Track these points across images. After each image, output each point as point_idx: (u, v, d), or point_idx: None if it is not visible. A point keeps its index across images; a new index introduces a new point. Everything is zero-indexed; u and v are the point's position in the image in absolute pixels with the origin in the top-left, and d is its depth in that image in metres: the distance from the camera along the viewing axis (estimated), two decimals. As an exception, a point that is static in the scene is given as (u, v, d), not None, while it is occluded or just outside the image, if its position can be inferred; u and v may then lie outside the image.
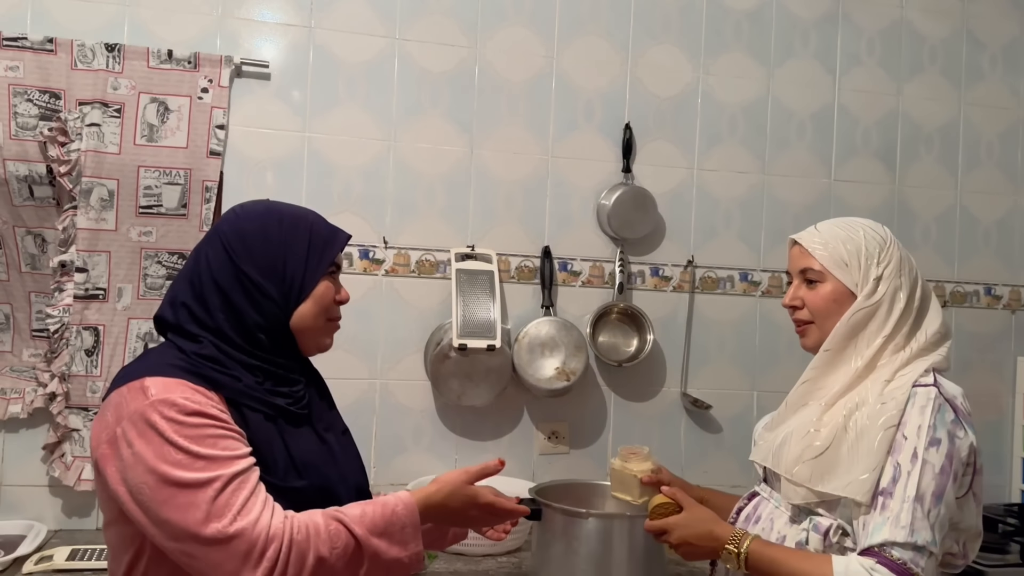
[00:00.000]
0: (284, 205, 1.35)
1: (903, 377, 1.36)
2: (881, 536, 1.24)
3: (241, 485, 1.14)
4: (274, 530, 1.13)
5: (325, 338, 1.34)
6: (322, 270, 1.30)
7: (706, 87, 2.58)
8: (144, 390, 1.15)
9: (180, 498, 1.12)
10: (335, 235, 1.34)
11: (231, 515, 1.11)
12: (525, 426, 2.45)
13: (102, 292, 2.14)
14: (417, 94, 2.38)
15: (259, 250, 1.26)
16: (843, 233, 1.44)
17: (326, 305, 1.31)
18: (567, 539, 1.82)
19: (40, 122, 2.10)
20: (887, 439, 1.30)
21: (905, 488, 1.26)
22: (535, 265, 2.45)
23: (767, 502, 1.46)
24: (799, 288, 1.47)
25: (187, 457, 1.12)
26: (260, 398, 1.23)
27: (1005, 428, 2.78)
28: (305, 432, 1.29)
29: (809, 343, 1.48)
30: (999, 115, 2.80)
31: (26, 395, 2.13)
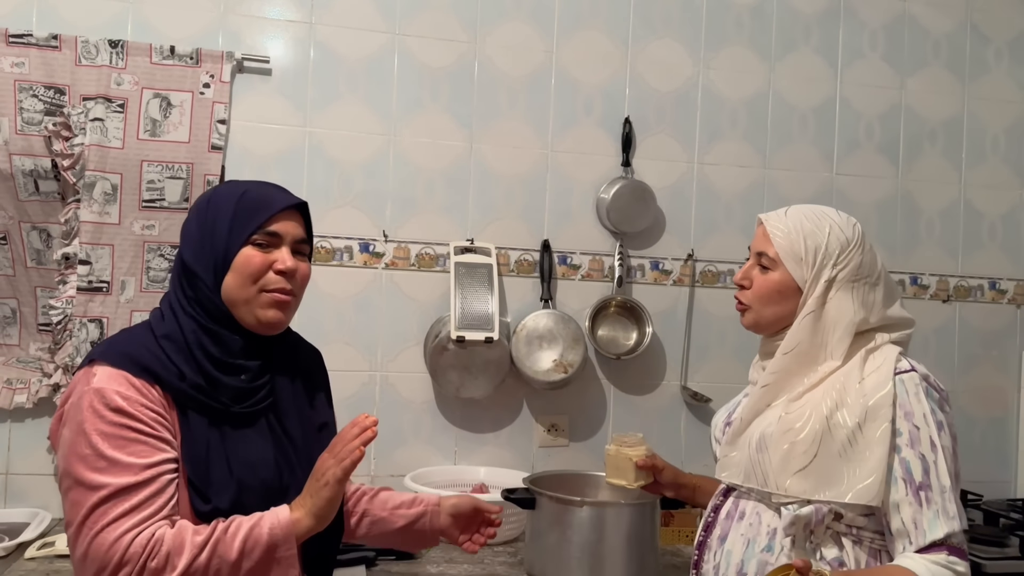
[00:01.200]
0: (231, 182, 1.33)
1: (879, 369, 1.35)
2: (942, 531, 1.28)
3: (125, 499, 1.11)
4: (131, 552, 1.09)
5: (261, 310, 1.24)
6: (242, 238, 1.23)
7: (707, 81, 2.58)
8: (89, 376, 1.17)
9: (72, 493, 1.13)
10: (265, 202, 1.26)
11: (97, 528, 1.10)
12: (525, 418, 2.46)
13: (105, 285, 2.17)
14: (417, 89, 2.40)
15: (193, 231, 1.27)
16: (809, 226, 1.42)
17: (251, 274, 1.23)
18: (560, 528, 1.84)
19: (45, 117, 2.14)
20: (885, 437, 1.30)
21: (938, 478, 1.29)
22: (534, 259, 2.46)
23: (746, 498, 1.44)
24: (752, 268, 1.48)
25: (92, 454, 1.12)
26: (202, 399, 1.20)
27: (1010, 423, 2.76)
28: (257, 431, 1.25)
29: (745, 322, 1.50)
30: (1004, 109, 2.78)
31: (31, 385, 2.17)
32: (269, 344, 1.30)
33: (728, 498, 1.48)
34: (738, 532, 1.43)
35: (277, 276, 1.25)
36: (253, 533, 1.15)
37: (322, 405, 1.37)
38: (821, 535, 1.35)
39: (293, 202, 1.29)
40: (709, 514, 1.51)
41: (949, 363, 2.70)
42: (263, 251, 1.25)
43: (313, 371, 1.39)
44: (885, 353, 1.38)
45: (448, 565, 1.96)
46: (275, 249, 1.27)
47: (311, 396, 1.35)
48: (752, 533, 1.40)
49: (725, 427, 1.55)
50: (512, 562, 2.01)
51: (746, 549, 1.40)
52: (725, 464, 1.48)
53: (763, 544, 1.38)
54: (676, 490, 1.77)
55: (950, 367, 2.70)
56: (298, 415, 1.30)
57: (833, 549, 1.34)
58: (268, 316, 1.26)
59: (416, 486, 2.17)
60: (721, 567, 1.43)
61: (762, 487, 1.38)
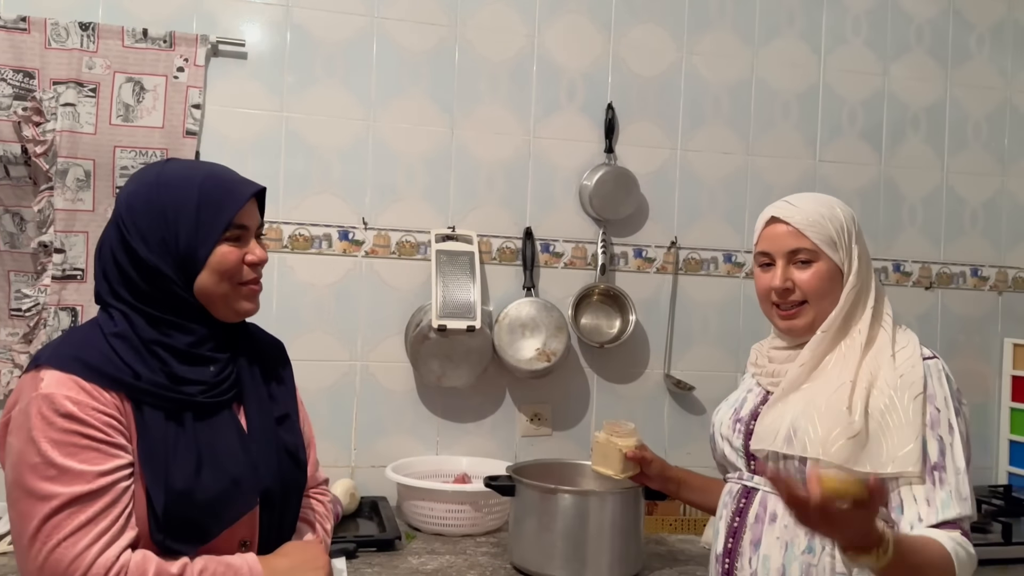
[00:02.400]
0: (180, 165, 1.25)
1: (905, 350, 1.38)
2: (955, 511, 1.27)
3: (80, 510, 1.06)
4: (93, 572, 1.05)
5: (239, 303, 1.23)
6: (215, 235, 1.19)
7: (690, 67, 2.56)
8: (37, 381, 1.11)
9: (22, 504, 1.07)
10: (231, 193, 1.21)
11: (54, 542, 1.05)
12: (507, 408, 2.43)
13: (80, 273, 2.12)
14: (396, 73, 2.36)
15: (146, 224, 1.17)
16: (825, 210, 1.42)
17: (227, 272, 1.20)
18: (541, 516, 1.82)
19: (14, 102, 2.08)
20: (919, 407, 1.31)
21: (954, 460, 1.30)
22: (517, 246, 2.43)
23: (772, 496, 1.38)
24: (788, 269, 1.41)
25: (42, 462, 1.07)
26: (161, 393, 1.15)
27: (992, 410, 2.77)
28: (222, 420, 1.21)
29: (803, 323, 1.42)
30: (986, 95, 2.78)
31: (2, 376, 2.12)
32: (233, 335, 1.26)
33: (752, 499, 1.42)
34: (772, 535, 1.37)
35: (249, 268, 1.23)
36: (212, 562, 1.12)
37: (283, 396, 1.32)
38: None
39: (256, 189, 1.24)
40: (734, 519, 1.44)
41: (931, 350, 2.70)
42: (236, 245, 1.22)
43: (274, 362, 1.34)
44: (909, 336, 1.42)
45: (430, 556, 1.94)
46: (245, 241, 1.23)
47: (271, 387, 1.31)
48: (789, 535, 1.35)
49: (735, 424, 1.49)
50: (495, 552, 1.99)
51: (785, 552, 1.35)
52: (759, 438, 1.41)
53: (803, 546, 1.33)
54: (662, 483, 1.74)
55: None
56: (259, 406, 1.26)
57: None
58: (246, 308, 1.25)
59: (397, 477, 2.14)
60: (759, 574, 1.37)
61: (802, 452, 1.33)
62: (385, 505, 2.19)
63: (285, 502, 1.26)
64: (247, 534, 1.21)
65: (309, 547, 1.26)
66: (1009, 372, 2.74)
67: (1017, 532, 2.14)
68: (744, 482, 1.45)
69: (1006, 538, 2.12)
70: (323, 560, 1.24)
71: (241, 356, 1.27)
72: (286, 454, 1.26)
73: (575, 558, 1.80)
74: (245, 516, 1.19)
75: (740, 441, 1.47)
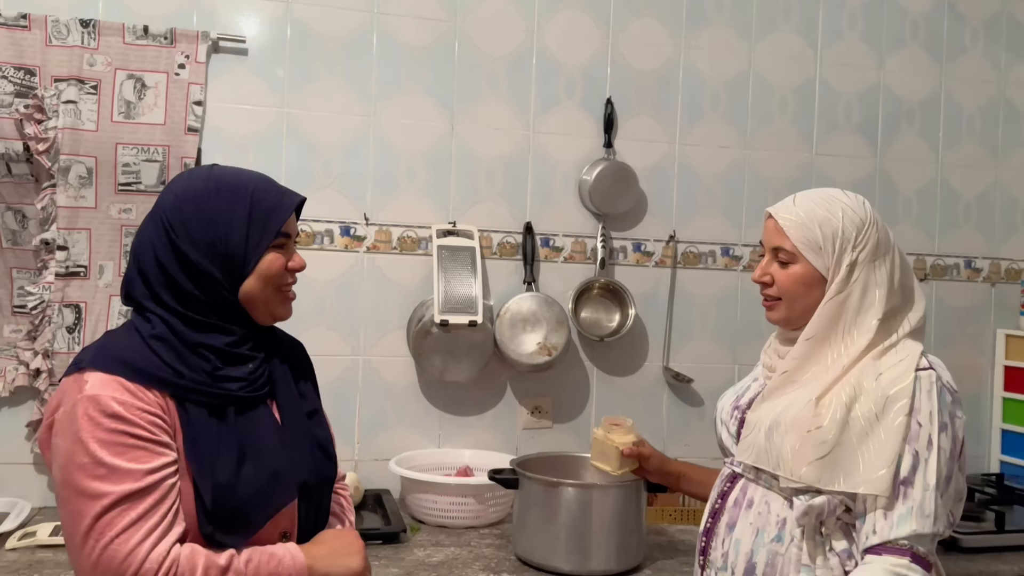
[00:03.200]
0: (227, 172, 1.27)
1: (901, 363, 1.34)
2: (909, 528, 1.26)
3: (131, 507, 1.10)
4: (146, 567, 1.08)
5: (277, 308, 1.29)
6: (265, 243, 1.24)
7: (688, 62, 2.57)
8: (81, 383, 1.14)
9: (73, 504, 1.11)
10: (280, 203, 1.26)
11: (107, 538, 1.08)
12: (508, 401, 2.46)
13: (83, 269, 2.13)
14: (397, 69, 2.37)
15: (196, 227, 1.20)
16: (821, 213, 1.39)
17: (273, 277, 1.25)
18: (545, 508, 1.85)
19: (15, 99, 2.08)
20: (902, 427, 1.29)
21: (925, 476, 1.27)
22: (517, 241, 2.45)
23: (754, 485, 1.43)
24: (770, 264, 1.45)
25: (91, 462, 1.10)
26: (204, 390, 1.19)
27: (984, 400, 2.81)
28: (260, 414, 1.25)
29: (775, 317, 1.46)
30: (980, 89, 2.81)
31: (7, 374, 2.13)
32: (265, 336, 1.31)
33: (735, 484, 1.47)
34: (747, 521, 1.42)
35: (289, 274, 1.29)
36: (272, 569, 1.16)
37: (310, 393, 1.38)
38: (832, 526, 1.33)
39: (300, 200, 1.30)
40: (716, 500, 1.49)
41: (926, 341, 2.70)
42: (281, 253, 1.27)
43: (298, 361, 1.39)
44: (908, 349, 1.37)
45: (435, 548, 1.97)
46: (288, 249, 1.29)
47: (299, 385, 1.35)
48: (761, 522, 1.39)
49: (733, 411, 1.53)
50: (499, 544, 2.01)
51: (755, 538, 1.39)
52: (741, 447, 1.46)
53: (773, 534, 1.37)
54: (661, 477, 1.78)
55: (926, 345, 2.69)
56: (291, 401, 1.31)
57: (843, 541, 1.33)
58: (283, 312, 1.30)
59: (400, 470, 2.17)
60: (730, 556, 1.42)
61: (774, 469, 1.37)
62: (389, 498, 2.22)
63: (320, 494, 1.31)
64: (287, 526, 1.25)
65: (344, 534, 1.31)
66: (1002, 362, 2.78)
67: (1010, 520, 2.18)
68: (733, 467, 1.50)
69: (999, 526, 2.16)
70: (359, 545, 1.28)
71: (273, 355, 1.31)
72: (318, 448, 1.32)
73: (578, 549, 1.83)
74: (285, 508, 1.23)
75: (735, 428, 1.52)
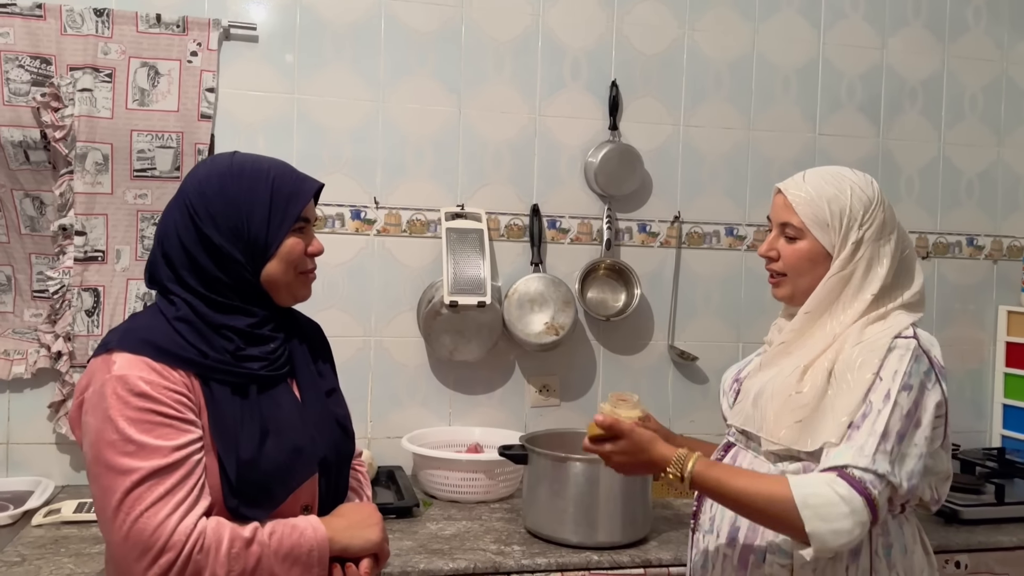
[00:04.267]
0: (248, 159, 1.31)
1: (885, 330, 1.38)
2: (843, 459, 1.27)
3: (159, 482, 1.14)
4: (175, 539, 1.12)
5: (299, 290, 1.34)
6: (286, 227, 1.28)
7: (692, 43, 2.60)
8: (109, 364, 1.18)
9: (104, 479, 1.15)
10: (300, 188, 1.30)
11: (137, 512, 1.12)
12: (517, 380, 2.51)
13: (101, 254, 2.18)
14: (404, 54, 2.41)
15: (220, 211, 1.25)
16: (830, 191, 1.42)
17: (294, 261, 1.30)
18: (554, 483, 1.90)
19: (32, 88, 2.13)
20: (866, 384, 1.32)
21: (873, 424, 1.29)
22: (524, 223, 2.49)
23: (744, 452, 1.49)
24: (777, 239, 1.48)
25: (120, 439, 1.14)
26: (228, 369, 1.23)
27: (986, 375, 2.85)
28: (281, 392, 1.29)
29: (780, 294, 1.50)
30: (983, 68, 2.82)
31: (29, 356, 2.19)
32: (284, 317, 1.35)
33: (728, 453, 1.53)
34: None
35: (309, 258, 1.33)
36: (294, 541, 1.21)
37: (327, 372, 1.42)
38: None
39: (319, 185, 1.35)
40: None
41: (928, 318, 2.77)
42: (301, 236, 1.31)
43: (316, 342, 1.43)
44: (898, 320, 1.40)
45: (447, 522, 2.02)
46: (308, 233, 1.34)
47: (318, 364, 1.40)
48: None
49: (733, 383, 1.60)
50: (509, 517, 2.07)
51: None
52: (733, 412, 1.54)
53: None
54: None
55: (928, 322, 2.77)
56: (311, 380, 1.35)
57: None
58: (304, 295, 1.36)
59: (413, 447, 2.23)
60: (716, 519, 1.48)
61: (757, 431, 1.43)
62: (402, 474, 2.28)
63: (339, 469, 1.36)
64: (308, 499, 1.30)
65: (363, 507, 1.36)
66: (1003, 339, 2.82)
67: (1010, 492, 2.22)
68: (729, 437, 1.55)
69: (999, 498, 2.20)
70: (377, 517, 1.33)
71: (292, 336, 1.36)
72: (337, 425, 1.36)
73: (586, 522, 1.88)
74: (306, 482, 1.28)
75: (732, 399, 1.58)
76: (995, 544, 2.05)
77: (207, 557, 1.14)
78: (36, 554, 1.75)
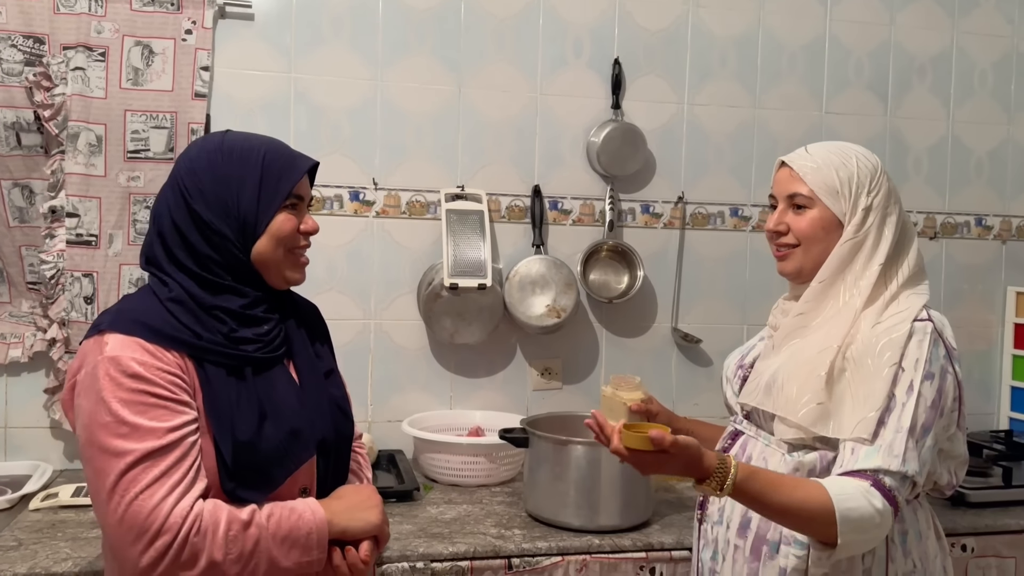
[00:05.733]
0: (240, 136, 1.30)
1: (900, 313, 1.36)
2: (874, 462, 1.26)
3: (154, 464, 1.12)
4: (171, 522, 1.11)
5: (290, 271, 1.31)
6: (276, 204, 1.26)
7: (696, 19, 2.55)
8: (101, 345, 1.17)
9: (97, 461, 1.14)
10: (291, 165, 1.29)
11: (132, 494, 1.11)
12: (518, 363, 2.48)
13: (94, 238, 2.15)
14: (403, 32, 2.36)
15: (209, 188, 1.24)
16: (836, 159, 1.42)
17: (284, 238, 1.27)
18: (555, 466, 1.88)
19: (25, 67, 2.10)
20: (890, 376, 1.30)
21: (899, 419, 1.28)
22: (525, 204, 2.46)
23: (754, 440, 1.46)
24: (785, 213, 1.45)
25: (114, 421, 1.13)
26: (221, 351, 1.22)
27: (995, 357, 2.81)
28: (277, 374, 1.27)
29: (790, 267, 1.46)
30: (993, 44, 2.77)
31: (26, 339, 2.17)
32: (280, 300, 1.34)
33: (736, 441, 1.50)
34: None
35: (302, 236, 1.31)
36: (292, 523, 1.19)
37: (325, 353, 1.41)
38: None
39: (312, 164, 1.32)
40: None
41: (936, 299, 2.72)
42: (293, 214, 1.29)
43: (313, 323, 1.42)
44: (911, 302, 1.39)
45: (448, 506, 2.01)
46: (300, 211, 1.31)
47: (316, 346, 1.39)
48: None
49: (737, 369, 1.56)
50: (510, 501, 2.05)
51: None
52: (745, 391, 1.49)
53: None
54: None
55: (936, 303, 2.70)
56: (308, 362, 1.34)
57: None
58: (296, 277, 1.33)
59: (413, 431, 2.21)
60: (726, 510, 1.45)
61: (773, 409, 1.40)
62: (402, 458, 2.26)
63: (338, 451, 1.35)
64: (306, 482, 1.28)
65: (363, 489, 1.35)
66: (1012, 320, 2.78)
67: (1017, 475, 2.19)
68: (735, 425, 1.52)
69: (1006, 481, 2.18)
70: (377, 499, 1.32)
71: (289, 317, 1.34)
72: (336, 406, 1.35)
73: (587, 505, 1.86)
74: (304, 465, 1.27)
75: (737, 385, 1.55)
76: (1002, 527, 2.02)
77: (204, 539, 1.12)
78: (33, 538, 1.74)
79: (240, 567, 1.15)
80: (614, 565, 1.80)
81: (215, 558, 1.13)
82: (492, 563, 1.75)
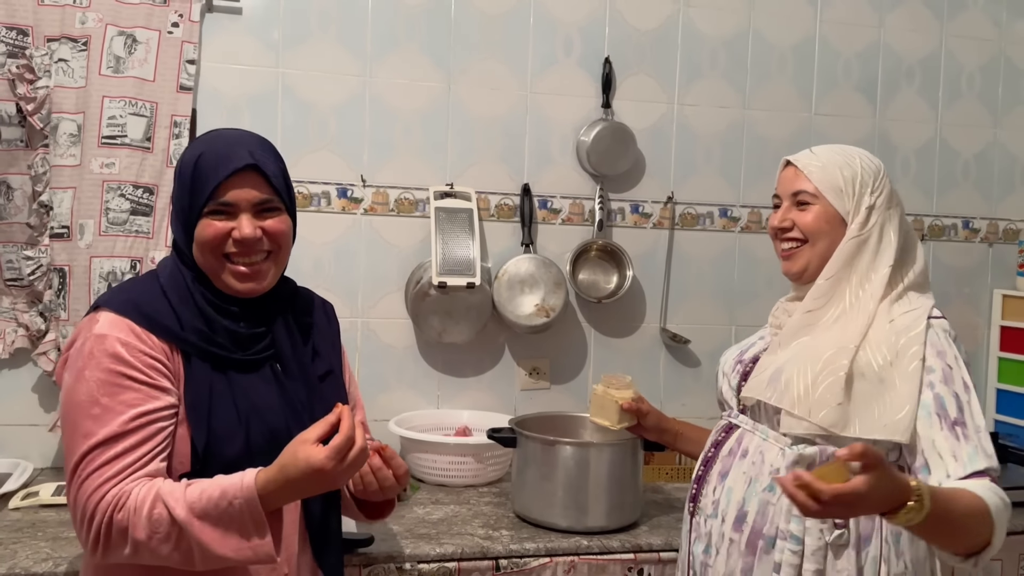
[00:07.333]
0: (209, 134, 1.31)
1: (914, 312, 1.38)
2: (982, 464, 1.28)
3: (107, 448, 1.14)
4: (102, 505, 1.12)
5: (229, 278, 1.23)
6: (196, 209, 1.21)
7: (686, 19, 2.54)
8: (93, 322, 1.19)
9: (67, 439, 1.17)
10: (215, 169, 1.20)
11: (81, 478, 1.14)
12: (506, 362, 2.47)
13: (66, 230, 2.07)
14: (392, 27, 2.35)
15: (176, 184, 1.28)
16: (840, 159, 1.45)
17: (206, 244, 1.21)
18: (543, 466, 1.87)
19: (8, 60, 2.06)
20: (917, 371, 1.31)
21: (972, 417, 1.31)
22: (514, 203, 2.44)
23: (751, 434, 1.45)
24: (789, 210, 1.47)
25: (87, 400, 1.15)
26: (201, 347, 1.21)
27: (981, 359, 2.82)
28: (260, 376, 1.26)
29: (796, 266, 1.47)
30: (981, 47, 2.78)
31: (7, 335, 2.13)
32: (270, 298, 1.30)
33: (731, 435, 1.49)
34: (740, 470, 1.43)
35: (237, 245, 1.22)
36: (210, 486, 1.14)
37: (326, 354, 1.38)
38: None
39: (237, 166, 1.20)
40: (709, 449, 1.52)
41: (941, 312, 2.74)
42: (222, 219, 1.22)
43: (317, 322, 1.39)
44: (921, 300, 1.42)
45: (435, 506, 1.99)
46: (234, 217, 1.23)
47: (316, 346, 1.36)
48: (755, 472, 1.41)
49: (736, 364, 1.56)
50: (497, 501, 2.04)
51: (748, 487, 1.41)
52: (749, 385, 1.47)
53: (765, 484, 1.39)
54: (659, 434, 1.79)
55: (923, 305, 2.74)
56: (298, 365, 1.31)
57: None
58: (238, 288, 1.25)
59: (400, 430, 2.19)
60: (721, 503, 1.44)
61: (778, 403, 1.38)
62: (388, 458, 2.23)
63: None
64: None
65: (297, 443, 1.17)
66: (998, 322, 2.79)
67: (1004, 478, 2.18)
68: (730, 419, 1.52)
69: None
70: (309, 436, 1.16)
71: (280, 317, 1.31)
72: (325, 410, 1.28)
73: (575, 506, 1.85)
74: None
75: (736, 380, 1.54)
76: (989, 529, 2.02)
77: (127, 518, 1.12)
78: (12, 538, 1.71)
79: (171, 547, 1.12)
80: (602, 566, 1.79)
81: (137, 537, 1.12)
82: (480, 564, 1.73)
